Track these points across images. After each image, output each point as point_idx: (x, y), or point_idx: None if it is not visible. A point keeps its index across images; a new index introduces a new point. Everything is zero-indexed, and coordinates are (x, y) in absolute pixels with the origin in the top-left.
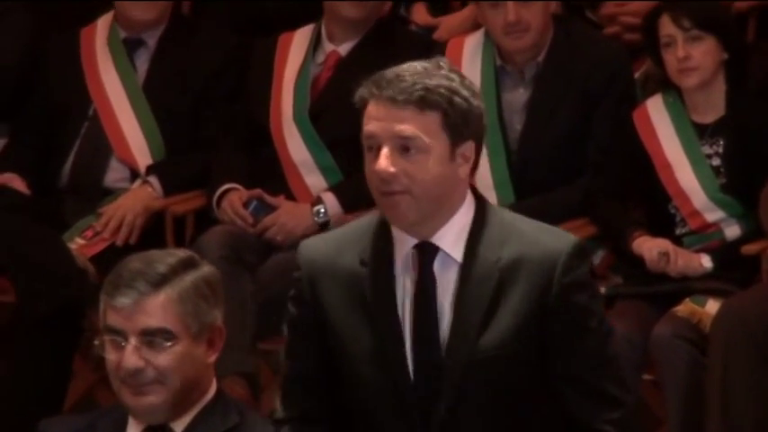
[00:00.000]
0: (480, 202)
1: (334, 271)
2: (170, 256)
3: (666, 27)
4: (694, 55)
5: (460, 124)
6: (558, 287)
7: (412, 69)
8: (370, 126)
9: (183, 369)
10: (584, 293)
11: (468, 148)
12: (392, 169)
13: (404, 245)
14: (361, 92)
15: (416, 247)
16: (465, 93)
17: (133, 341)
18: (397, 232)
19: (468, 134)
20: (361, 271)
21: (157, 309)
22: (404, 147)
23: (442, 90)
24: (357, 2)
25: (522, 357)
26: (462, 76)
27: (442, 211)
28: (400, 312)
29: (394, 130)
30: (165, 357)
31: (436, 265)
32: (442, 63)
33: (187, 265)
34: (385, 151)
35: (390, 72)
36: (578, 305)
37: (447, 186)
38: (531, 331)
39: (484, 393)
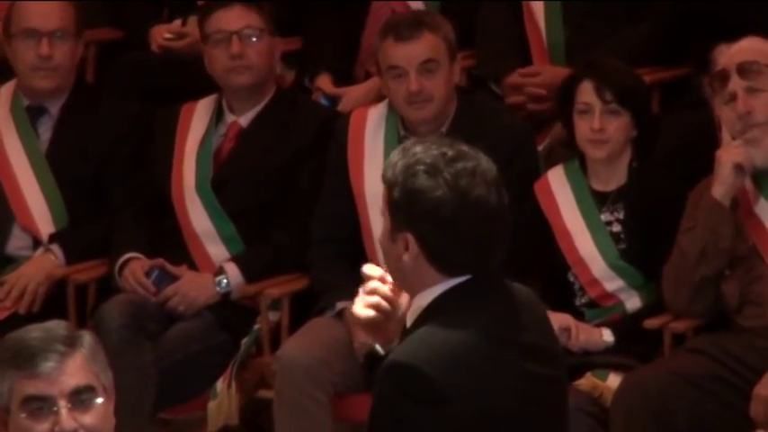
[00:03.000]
0: (441, 299)
1: None
2: (55, 325)
3: (586, 95)
4: (608, 128)
5: (395, 211)
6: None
7: (408, 144)
8: None
9: (106, 428)
10: (373, 408)
11: (406, 237)
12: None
13: None
14: None
15: None
16: (414, 186)
17: (63, 403)
18: None
19: (404, 224)
20: None
21: (78, 368)
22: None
23: (389, 172)
24: (241, 69)
25: None
26: (447, 175)
27: (405, 286)
28: None
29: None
30: (91, 417)
31: None
32: (451, 151)
33: (76, 329)
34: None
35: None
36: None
37: (394, 262)
38: None
39: None
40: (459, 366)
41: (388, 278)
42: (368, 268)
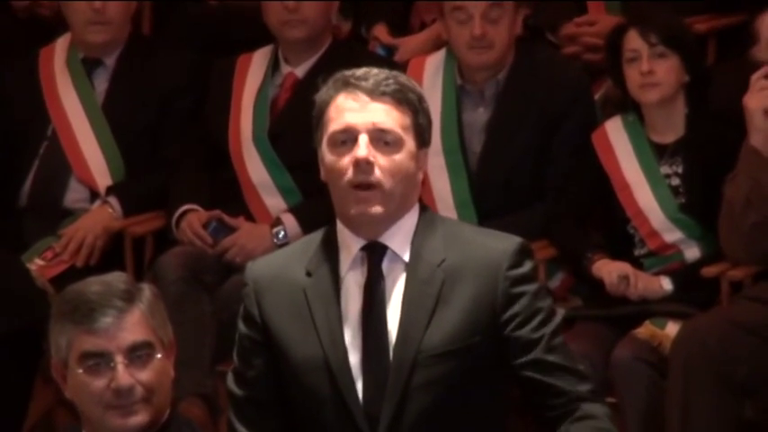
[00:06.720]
0: (424, 207)
1: (280, 284)
2: (116, 278)
3: (633, 41)
4: (658, 71)
5: (425, 129)
6: (505, 282)
7: (378, 69)
8: (346, 118)
9: (163, 384)
10: (530, 284)
11: (424, 154)
12: (372, 158)
13: (351, 249)
14: (327, 91)
15: (365, 248)
16: (426, 100)
17: (120, 359)
18: (343, 238)
19: (427, 141)
20: (306, 281)
21: (136, 324)
22: (380, 139)
23: (412, 92)
24: (295, 23)
25: (468, 354)
26: None
27: (398, 212)
28: (348, 317)
29: (373, 121)
30: (148, 373)
31: (384, 264)
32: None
33: (136, 282)
34: (365, 140)
35: (357, 70)
36: (526, 294)
37: (409, 187)
38: (478, 327)
39: (429, 392)
40: None
41: None
42: None
